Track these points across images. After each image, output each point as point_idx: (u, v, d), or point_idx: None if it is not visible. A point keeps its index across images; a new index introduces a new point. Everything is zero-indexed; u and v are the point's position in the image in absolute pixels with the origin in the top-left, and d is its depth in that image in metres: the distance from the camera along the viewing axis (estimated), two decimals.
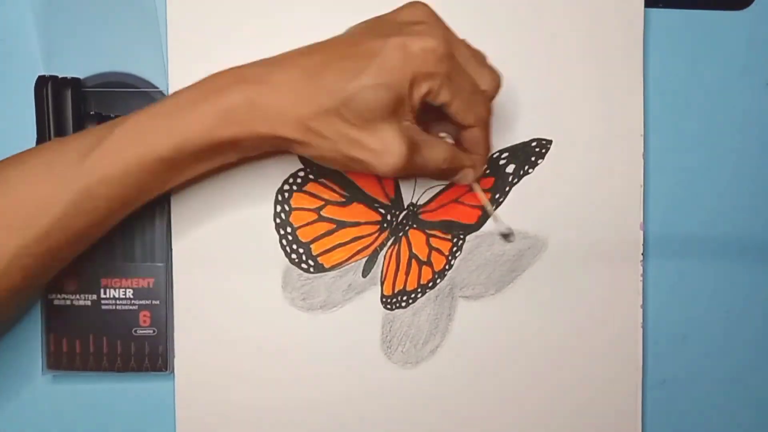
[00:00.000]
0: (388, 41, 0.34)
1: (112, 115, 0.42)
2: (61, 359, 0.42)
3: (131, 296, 0.42)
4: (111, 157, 0.34)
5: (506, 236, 0.44)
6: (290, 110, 0.34)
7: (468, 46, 0.37)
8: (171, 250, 0.42)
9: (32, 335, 0.42)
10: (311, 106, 0.34)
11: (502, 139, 0.44)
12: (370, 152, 0.35)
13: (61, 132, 0.41)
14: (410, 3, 0.37)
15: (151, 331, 0.42)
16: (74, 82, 0.42)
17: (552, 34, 0.44)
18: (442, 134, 0.38)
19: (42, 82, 0.41)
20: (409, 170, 0.36)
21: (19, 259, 0.34)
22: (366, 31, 0.36)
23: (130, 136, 0.34)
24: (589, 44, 0.44)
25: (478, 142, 0.38)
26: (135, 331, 0.42)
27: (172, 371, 0.43)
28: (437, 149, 0.37)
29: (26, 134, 0.42)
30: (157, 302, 0.42)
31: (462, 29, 0.43)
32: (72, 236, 0.35)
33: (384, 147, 0.35)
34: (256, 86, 0.34)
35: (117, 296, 0.42)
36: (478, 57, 0.38)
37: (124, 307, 0.42)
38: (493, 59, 0.43)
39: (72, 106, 0.41)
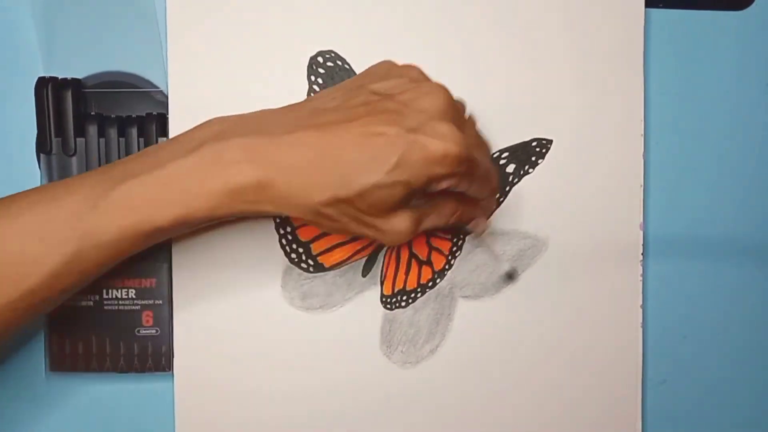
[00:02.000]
0: (409, 140, 0.32)
1: (112, 116, 0.42)
2: (64, 360, 0.42)
3: (134, 296, 0.42)
4: (107, 225, 0.33)
5: (510, 276, 0.44)
6: (301, 195, 0.33)
7: (473, 121, 0.38)
8: (172, 249, 0.42)
9: (35, 336, 0.42)
10: (324, 194, 0.33)
11: (502, 139, 0.44)
12: (378, 231, 0.35)
13: (61, 133, 0.41)
14: (434, 90, 0.34)
15: (154, 331, 0.42)
16: (74, 83, 0.42)
17: (553, 34, 0.44)
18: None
19: (42, 84, 0.41)
20: (416, 236, 0.37)
21: (1, 314, 0.34)
22: (379, 111, 0.34)
23: (128, 205, 0.33)
24: (590, 44, 0.44)
25: (490, 205, 0.41)
26: (138, 332, 0.42)
27: None
28: (443, 210, 0.37)
29: (27, 136, 0.42)
30: (160, 302, 0.42)
31: (462, 29, 0.43)
32: (57, 293, 0.34)
33: (392, 228, 0.34)
34: (267, 167, 0.33)
35: (119, 296, 0.42)
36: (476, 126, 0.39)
37: (126, 308, 0.42)
38: (493, 59, 0.43)
39: (72, 107, 0.41)
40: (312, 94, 0.43)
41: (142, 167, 0.34)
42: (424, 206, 0.36)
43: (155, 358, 0.42)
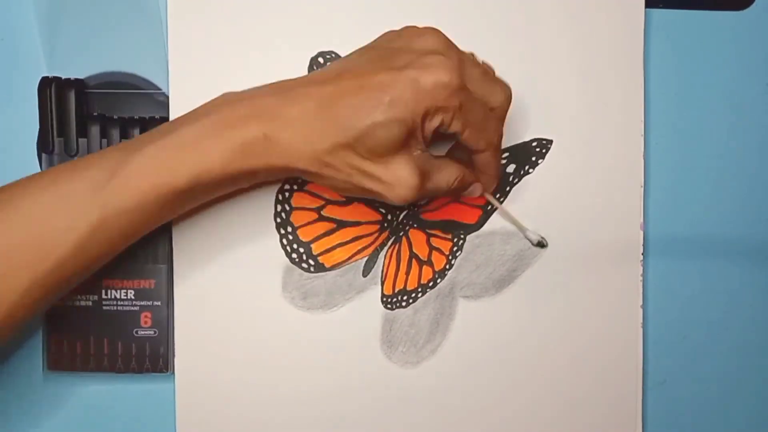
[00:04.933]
0: (400, 75, 0.34)
1: (115, 117, 0.42)
2: (62, 360, 0.42)
3: (132, 297, 0.42)
4: (127, 190, 0.34)
5: (541, 244, 0.44)
6: (304, 145, 0.35)
7: (477, 65, 0.37)
8: (172, 250, 0.42)
9: (33, 336, 0.43)
10: (325, 142, 0.34)
11: (502, 140, 0.44)
12: (383, 184, 0.36)
13: (64, 133, 0.42)
14: (422, 30, 0.37)
15: (153, 332, 0.42)
16: (77, 84, 0.42)
17: (553, 34, 0.44)
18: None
19: (45, 84, 0.41)
20: (421, 197, 0.37)
21: (30, 292, 0.34)
22: (377, 60, 0.35)
23: (145, 169, 0.34)
24: (590, 44, 0.44)
25: (489, 164, 0.39)
26: (136, 332, 0.42)
27: (173, 372, 0.43)
28: (447, 171, 0.38)
29: (29, 136, 0.42)
30: (159, 303, 0.43)
31: (461, 29, 0.43)
32: (84, 266, 0.35)
33: (396, 179, 0.35)
34: (270, 121, 0.35)
35: (118, 297, 0.42)
36: (488, 74, 0.38)
37: (125, 308, 0.42)
38: (493, 59, 0.43)
39: (75, 107, 0.42)
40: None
41: (158, 135, 0.35)
42: (428, 164, 0.37)
43: (153, 358, 0.42)
